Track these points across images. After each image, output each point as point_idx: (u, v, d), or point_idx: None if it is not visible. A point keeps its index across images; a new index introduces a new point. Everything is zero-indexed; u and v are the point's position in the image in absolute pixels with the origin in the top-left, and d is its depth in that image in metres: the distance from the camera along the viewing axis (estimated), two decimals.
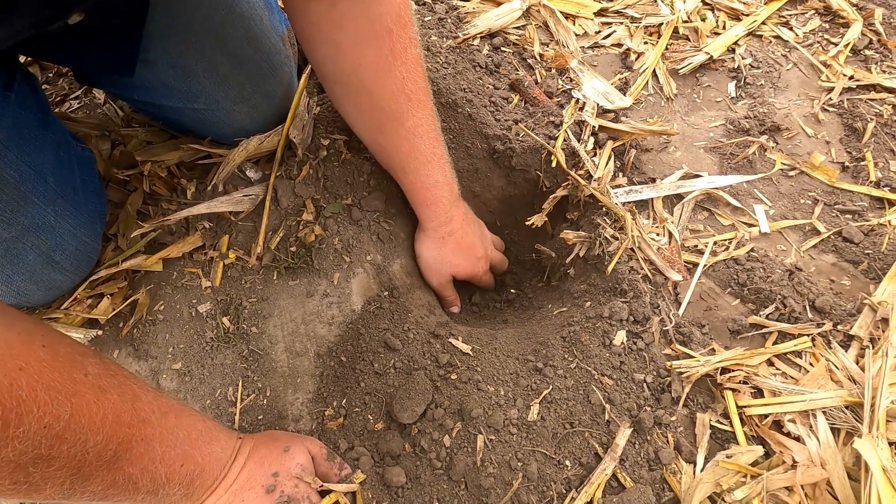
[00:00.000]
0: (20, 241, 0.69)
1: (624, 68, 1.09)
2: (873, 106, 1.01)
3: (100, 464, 0.48)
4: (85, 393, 0.47)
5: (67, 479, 0.46)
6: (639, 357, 0.75)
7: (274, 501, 0.60)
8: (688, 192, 0.90)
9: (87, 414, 0.47)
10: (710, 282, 0.83)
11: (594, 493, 0.64)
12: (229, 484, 0.59)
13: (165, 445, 0.54)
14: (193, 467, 0.56)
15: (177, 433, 0.55)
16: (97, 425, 0.47)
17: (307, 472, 0.63)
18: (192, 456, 0.56)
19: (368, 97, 0.76)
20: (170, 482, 0.54)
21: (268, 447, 0.63)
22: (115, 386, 0.51)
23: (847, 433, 0.67)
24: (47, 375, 0.45)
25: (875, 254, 0.83)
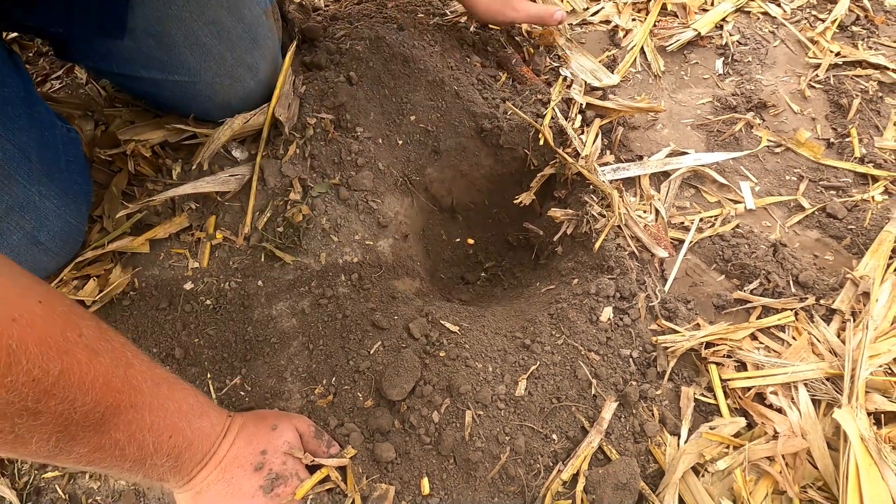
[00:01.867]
0: (4, 220, 0.68)
1: (612, 45, 1.08)
2: (859, 82, 1.01)
3: (87, 425, 0.48)
4: (77, 352, 0.47)
5: (53, 436, 0.47)
6: (625, 333, 0.75)
7: (263, 479, 0.60)
8: (674, 169, 0.91)
9: (77, 373, 0.47)
10: (696, 258, 0.83)
11: (580, 465, 0.65)
12: (218, 461, 0.60)
13: (155, 415, 0.54)
14: (182, 440, 0.56)
15: (167, 404, 0.55)
16: (87, 386, 0.47)
17: (295, 448, 0.63)
18: (181, 428, 0.56)
19: None
20: (157, 452, 0.54)
21: (256, 425, 0.64)
22: (109, 350, 0.51)
23: (827, 404, 0.69)
24: (40, 330, 0.45)
25: (858, 229, 0.84)
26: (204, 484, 0.59)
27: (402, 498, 0.65)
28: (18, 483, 0.67)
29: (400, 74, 0.94)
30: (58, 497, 0.66)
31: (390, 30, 0.95)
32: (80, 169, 0.80)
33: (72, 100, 0.96)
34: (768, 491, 0.64)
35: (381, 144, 0.92)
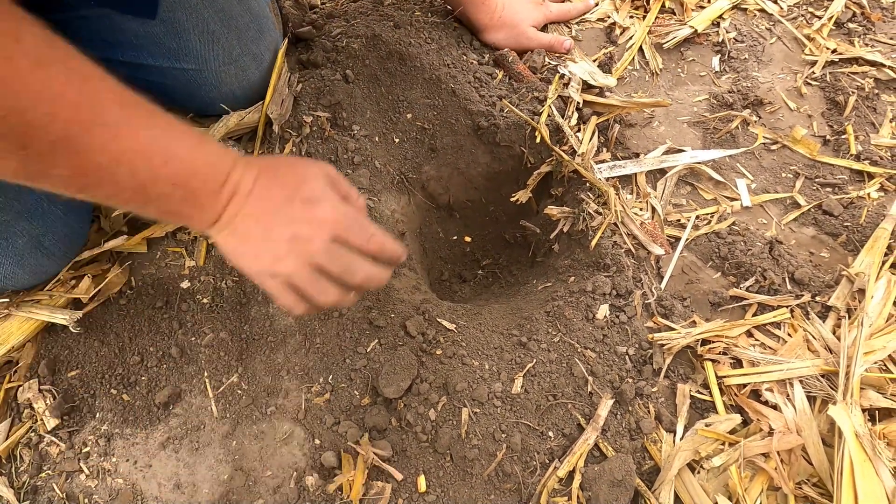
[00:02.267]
0: (12, 225, 0.69)
1: (609, 43, 1.08)
2: (855, 79, 1.01)
3: (52, 143, 0.45)
4: (16, 59, 0.43)
5: (17, 152, 0.45)
6: (621, 330, 0.76)
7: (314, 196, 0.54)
8: (671, 166, 0.91)
9: (16, 81, 0.43)
10: (692, 255, 0.83)
11: (576, 462, 0.66)
12: (246, 192, 0.54)
13: (134, 138, 0.49)
14: (181, 166, 0.51)
15: (149, 129, 0.50)
16: (33, 96, 0.44)
17: (337, 178, 0.58)
18: (175, 153, 0.51)
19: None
20: (156, 180, 0.50)
21: (277, 160, 0.58)
22: (59, 62, 0.46)
23: (822, 401, 0.69)
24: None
25: (854, 226, 0.85)
26: (239, 218, 0.54)
27: (399, 495, 0.65)
28: (17, 482, 0.67)
29: (396, 72, 0.94)
30: (55, 496, 0.66)
31: (387, 27, 0.95)
32: None
33: None
34: (763, 487, 0.64)
35: (377, 142, 0.92)
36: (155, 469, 0.68)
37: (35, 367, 0.73)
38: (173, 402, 0.72)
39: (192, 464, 0.68)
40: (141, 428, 0.70)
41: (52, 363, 0.73)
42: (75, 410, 0.71)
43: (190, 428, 0.71)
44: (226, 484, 0.67)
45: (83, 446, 0.69)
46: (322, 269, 0.56)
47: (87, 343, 0.75)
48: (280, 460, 0.68)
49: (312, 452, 0.68)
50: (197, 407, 0.72)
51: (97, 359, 0.74)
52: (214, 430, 0.70)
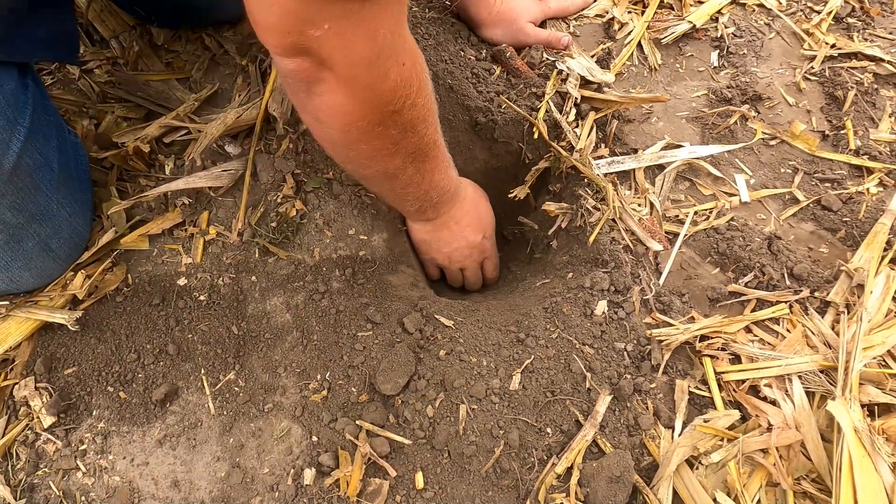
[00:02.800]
0: (25, 228, 0.70)
1: (607, 38, 1.08)
2: (854, 74, 1.01)
3: (418, 154, 0.70)
4: (425, 81, 0.64)
5: (400, 157, 0.69)
6: (619, 326, 0.75)
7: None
8: (669, 162, 0.90)
9: (433, 105, 0.68)
10: (691, 251, 0.83)
11: (574, 458, 0.65)
12: (456, 210, 0.87)
13: (441, 161, 0.77)
14: (448, 184, 0.81)
15: (437, 138, 0.73)
16: (433, 118, 0.69)
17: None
18: (450, 177, 0.80)
19: None
20: (435, 188, 0.79)
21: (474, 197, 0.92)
22: (430, 87, 0.67)
23: (821, 396, 0.69)
24: (419, 59, 0.63)
25: (853, 221, 0.84)
26: (443, 219, 0.86)
27: (397, 492, 0.65)
28: (13, 479, 0.67)
29: None
30: (52, 493, 0.66)
31: None
32: (85, 175, 0.81)
33: (66, 96, 0.96)
34: (762, 483, 0.64)
35: None
36: (152, 467, 0.68)
37: (31, 365, 0.73)
38: (170, 400, 0.72)
39: (189, 461, 0.68)
40: (138, 425, 0.70)
41: (48, 361, 0.73)
42: (72, 408, 0.71)
43: (187, 425, 0.70)
44: (223, 481, 0.67)
45: (80, 444, 0.69)
46: (465, 271, 0.96)
47: (83, 341, 0.74)
48: (277, 457, 0.68)
49: (310, 450, 0.68)
50: (194, 404, 0.72)
51: (94, 356, 0.74)
52: (211, 427, 0.70)
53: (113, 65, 0.99)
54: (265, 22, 0.53)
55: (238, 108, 0.85)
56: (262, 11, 0.52)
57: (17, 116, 0.67)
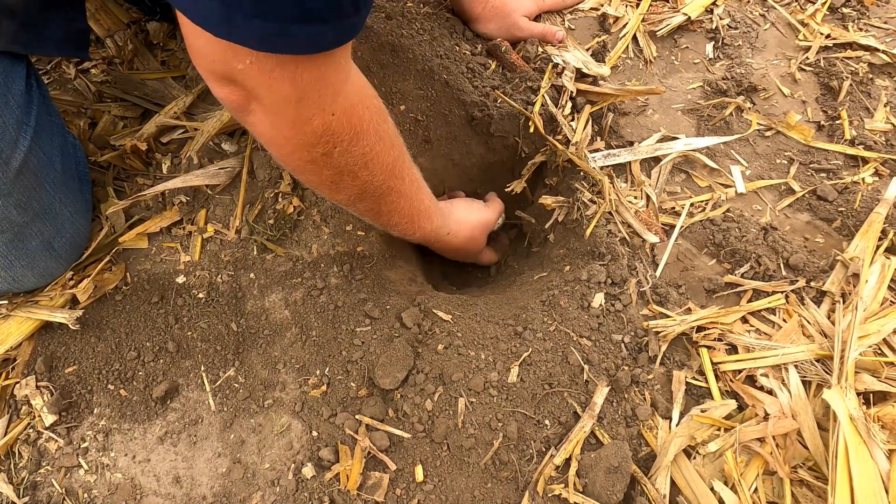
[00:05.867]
0: (29, 227, 0.71)
1: (602, 31, 1.08)
2: (849, 64, 1.01)
3: (373, 195, 0.67)
4: (385, 139, 0.63)
5: (353, 195, 0.67)
6: (616, 318, 0.76)
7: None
8: (665, 154, 0.91)
9: (382, 155, 0.63)
10: (687, 243, 0.84)
11: (573, 449, 0.66)
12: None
13: (407, 203, 0.72)
14: (416, 225, 0.77)
15: (414, 201, 0.73)
16: (384, 167, 0.64)
17: None
18: (421, 225, 0.77)
19: None
20: (397, 227, 0.75)
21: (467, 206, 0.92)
22: (399, 145, 0.66)
23: (817, 385, 0.69)
24: (375, 119, 0.61)
25: (848, 211, 0.85)
26: (437, 246, 0.87)
27: (397, 485, 0.65)
28: (16, 478, 0.68)
29: (389, 64, 0.93)
30: (54, 491, 0.67)
31: (378, 18, 0.95)
32: (85, 175, 0.81)
33: (63, 97, 0.96)
34: (759, 472, 0.65)
35: None
36: (153, 463, 0.68)
37: (32, 364, 0.73)
38: (171, 397, 0.72)
39: (190, 457, 0.69)
40: (139, 423, 0.71)
41: (48, 360, 0.73)
42: (73, 406, 0.71)
43: (188, 422, 0.71)
44: (224, 477, 0.67)
45: (81, 442, 0.70)
46: None
47: (83, 339, 0.75)
48: (278, 453, 0.68)
49: (310, 444, 0.68)
50: (194, 401, 0.72)
51: (94, 355, 0.74)
52: (212, 423, 0.71)
53: (108, 64, 0.99)
54: (195, 47, 0.52)
55: None
56: (191, 36, 0.51)
57: (24, 116, 0.68)
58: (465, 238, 0.87)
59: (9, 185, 0.67)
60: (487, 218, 0.91)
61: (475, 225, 0.89)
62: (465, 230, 0.87)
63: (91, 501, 0.66)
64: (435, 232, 0.80)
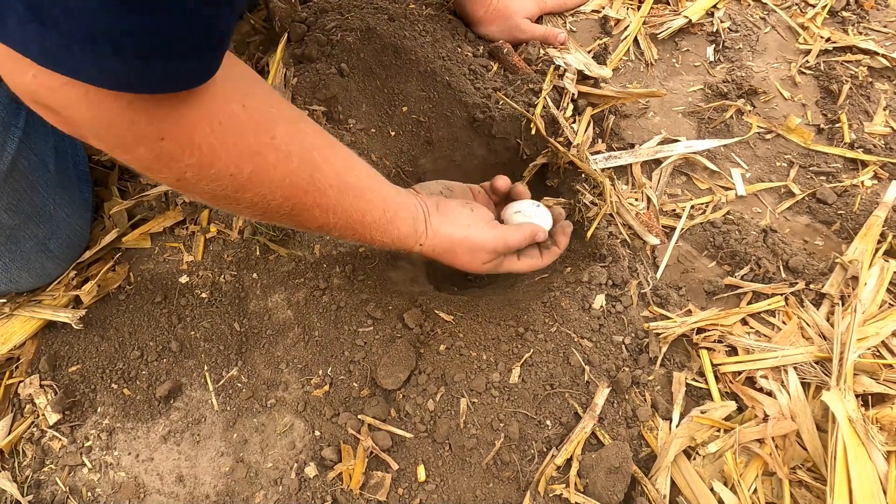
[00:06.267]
0: (22, 229, 0.70)
1: (603, 34, 1.08)
2: (849, 68, 1.01)
3: (281, 214, 0.57)
4: (267, 154, 0.52)
5: (256, 216, 0.58)
6: (617, 320, 0.76)
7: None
8: (666, 156, 0.91)
9: (266, 173, 0.53)
10: (688, 245, 0.84)
11: (574, 450, 0.66)
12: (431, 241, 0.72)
13: (339, 218, 0.61)
14: (383, 241, 0.67)
15: (351, 213, 0.62)
16: (276, 184, 0.54)
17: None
18: (372, 238, 0.66)
19: None
20: (357, 238, 0.65)
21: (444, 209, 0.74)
22: (298, 154, 0.55)
23: (816, 387, 0.70)
24: (236, 133, 0.50)
25: (847, 214, 0.85)
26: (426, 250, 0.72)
27: (399, 485, 0.65)
28: (20, 476, 0.68)
29: (391, 65, 0.94)
30: (58, 489, 0.67)
31: (381, 20, 0.95)
32: (85, 176, 0.81)
33: None
34: (758, 472, 0.65)
35: (373, 136, 0.92)
36: (157, 462, 0.69)
37: (36, 363, 0.74)
38: (174, 396, 0.73)
39: (193, 456, 0.69)
40: (142, 422, 0.71)
41: (52, 359, 0.74)
42: (76, 405, 0.72)
43: (191, 421, 0.71)
44: (227, 476, 0.68)
45: (85, 440, 0.70)
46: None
47: (87, 339, 0.75)
48: (281, 452, 0.69)
49: (313, 444, 0.69)
50: (197, 400, 0.72)
51: (97, 354, 0.74)
52: (215, 423, 0.71)
53: None
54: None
55: None
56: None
57: (12, 118, 0.67)
58: (441, 252, 0.73)
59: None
60: (482, 239, 0.72)
61: (459, 241, 0.72)
62: (443, 244, 0.72)
63: (95, 500, 0.67)
64: (399, 243, 0.69)
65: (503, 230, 0.74)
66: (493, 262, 0.75)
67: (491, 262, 0.75)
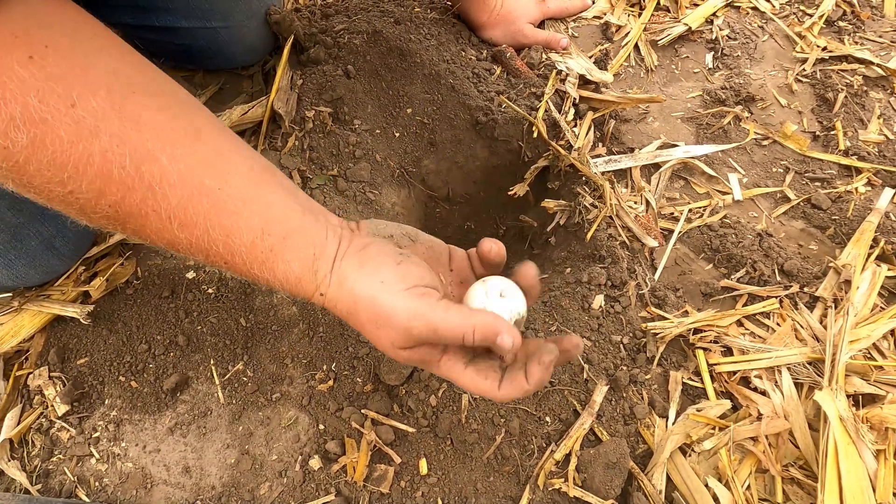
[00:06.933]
0: (26, 227, 0.71)
1: (605, 39, 1.10)
2: (844, 76, 1.03)
3: (104, 217, 0.45)
4: (58, 126, 0.40)
5: (78, 215, 0.45)
6: (616, 320, 0.78)
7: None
8: (665, 161, 0.93)
9: (52, 150, 0.40)
10: (685, 247, 0.86)
11: (573, 445, 0.68)
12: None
13: (189, 234, 0.45)
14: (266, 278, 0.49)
15: (208, 230, 0.46)
16: (73, 168, 0.41)
17: None
18: (249, 271, 0.49)
19: None
20: (226, 265, 0.48)
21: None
22: (117, 134, 0.42)
23: (809, 387, 0.72)
24: (10, 92, 0.39)
25: (841, 219, 0.87)
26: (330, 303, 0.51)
27: (401, 478, 0.67)
28: (29, 466, 0.69)
29: (397, 68, 0.95)
30: (67, 479, 0.68)
31: (387, 23, 0.97)
32: None
33: None
34: (752, 469, 0.67)
35: (378, 136, 0.93)
36: (163, 453, 0.70)
37: (45, 356, 0.75)
38: (181, 389, 0.74)
39: (199, 448, 0.70)
40: (149, 414, 0.72)
41: (61, 351, 0.75)
42: (85, 397, 0.73)
43: (197, 414, 0.72)
44: (233, 468, 0.69)
45: (93, 431, 0.71)
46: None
47: (95, 332, 0.76)
48: (285, 445, 0.70)
49: (317, 437, 0.70)
50: (204, 394, 0.74)
51: (105, 347, 0.76)
52: (221, 415, 0.72)
53: None
54: None
55: (244, 106, 0.87)
56: None
57: None
58: (343, 312, 0.52)
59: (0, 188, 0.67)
60: (391, 307, 0.47)
61: (362, 301, 0.49)
62: (345, 300, 0.50)
63: (102, 489, 0.68)
64: (289, 286, 0.51)
65: (430, 304, 0.47)
66: (409, 352, 0.50)
67: (406, 348, 0.49)
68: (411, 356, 0.50)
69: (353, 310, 0.50)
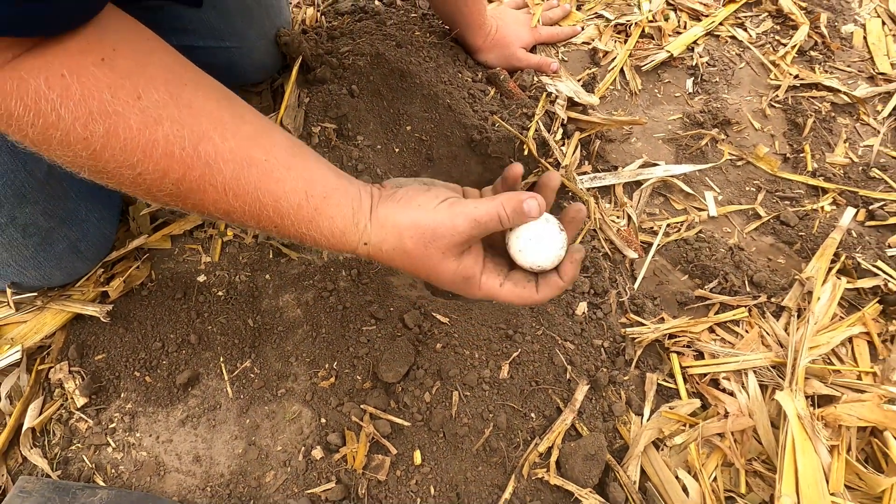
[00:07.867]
0: (55, 231, 0.76)
1: (592, 64, 1.18)
2: (814, 103, 1.11)
3: (169, 194, 0.50)
4: (129, 116, 0.46)
5: (145, 195, 0.50)
6: (597, 325, 0.84)
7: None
8: (646, 179, 1.00)
9: (123, 137, 0.46)
10: (663, 259, 0.92)
11: (555, 439, 0.74)
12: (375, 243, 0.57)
13: (244, 202, 0.51)
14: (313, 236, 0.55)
15: (259, 196, 0.52)
16: (142, 152, 0.47)
17: None
18: (298, 232, 0.55)
19: None
20: (275, 230, 0.54)
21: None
22: (177, 120, 0.48)
23: (773, 388, 0.78)
24: (85, 89, 0.44)
25: (807, 235, 0.94)
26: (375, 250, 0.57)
27: (397, 467, 0.72)
28: (49, 453, 0.74)
29: (398, 88, 1.02)
30: (85, 466, 0.73)
31: (389, 46, 1.04)
32: None
33: None
34: (718, 463, 0.73)
35: (379, 152, 1.00)
36: (175, 443, 0.75)
37: (65, 351, 0.80)
38: (192, 384, 0.79)
39: (209, 439, 0.76)
40: (162, 407, 0.78)
41: (80, 348, 0.80)
42: (102, 390, 0.78)
43: (207, 407, 0.78)
44: (240, 457, 0.74)
45: (109, 422, 0.76)
46: None
47: (112, 330, 0.82)
48: (289, 437, 0.75)
49: (319, 430, 0.75)
50: (213, 389, 0.79)
51: (122, 344, 0.81)
52: (229, 409, 0.78)
53: None
54: None
55: None
56: None
57: None
58: (390, 252, 0.57)
59: (35, 193, 0.72)
60: (435, 220, 0.54)
61: (407, 229, 0.55)
62: (390, 238, 0.56)
63: (118, 476, 0.73)
64: (335, 240, 0.56)
65: (464, 203, 0.55)
66: (457, 263, 0.56)
67: (455, 257, 0.56)
68: (457, 271, 0.56)
69: (399, 242, 0.56)
